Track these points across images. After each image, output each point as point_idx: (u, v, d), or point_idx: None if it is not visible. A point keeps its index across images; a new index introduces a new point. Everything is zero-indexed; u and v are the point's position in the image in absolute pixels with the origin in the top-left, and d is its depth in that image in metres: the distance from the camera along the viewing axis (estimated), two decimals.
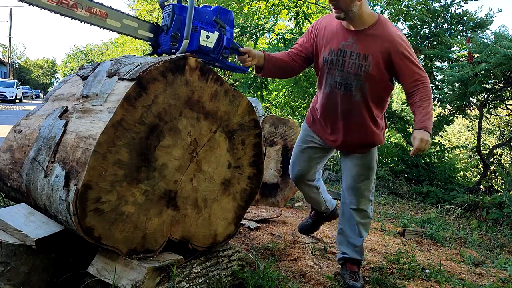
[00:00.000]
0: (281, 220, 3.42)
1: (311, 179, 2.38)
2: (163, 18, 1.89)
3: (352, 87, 2.05)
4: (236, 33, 8.12)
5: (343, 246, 2.29)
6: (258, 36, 8.70)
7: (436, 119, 8.16)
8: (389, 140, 9.29)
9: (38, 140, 1.79)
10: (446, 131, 9.37)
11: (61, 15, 1.67)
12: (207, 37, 1.85)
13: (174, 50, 1.83)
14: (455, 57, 7.81)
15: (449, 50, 7.86)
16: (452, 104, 7.59)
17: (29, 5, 1.63)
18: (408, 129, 8.48)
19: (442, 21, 8.00)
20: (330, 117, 2.18)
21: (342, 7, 1.90)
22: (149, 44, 1.94)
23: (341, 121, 2.14)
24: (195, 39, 1.81)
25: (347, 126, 2.14)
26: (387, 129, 2.39)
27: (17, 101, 23.94)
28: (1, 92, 21.97)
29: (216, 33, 1.88)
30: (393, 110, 8.45)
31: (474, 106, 7.74)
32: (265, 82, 7.97)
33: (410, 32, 8.10)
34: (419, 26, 7.98)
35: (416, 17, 7.87)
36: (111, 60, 1.87)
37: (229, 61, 2.04)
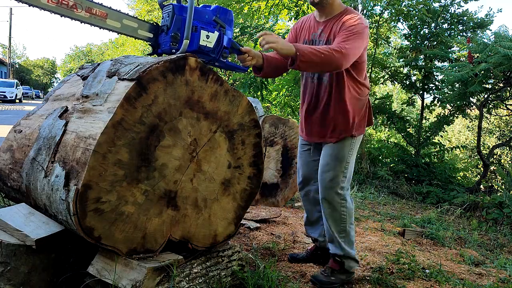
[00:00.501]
0: (281, 220, 3.42)
1: (316, 187, 2.33)
2: (162, 18, 1.88)
3: (317, 75, 2.16)
4: (236, 33, 8.13)
5: (329, 242, 2.26)
6: None
7: (436, 119, 8.16)
8: (389, 140, 9.29)
9: (38, 140, 1.79)
10: (446, 131, 9.37)
11: (61, 16, 1.66)
12: (207, 37, 1.85)
13: (174, 50, 1.83)
14: (455, 57, 7.81)
15: (449, 50, 7.86)
16: (452, 104, 7.60)
17: (29, 6, 1.62)
18: (408, 129, 8.48)
19: (442, 21, 8.00)
20: (307, 108, 2.25)
21: None
22: (149, 44, 1.94)
23: (315, 109, 2.21)
24: (195, 39, 1.81)
25: (320, 115, 2.19)
26: (371, 126, 2.30)
27: (17, 101, 23.94)
28: (1, 92, 21.97)
29: (216, 33, 1.89)
30: (393, 110, 8.45)
31: (474, 106, 7.74)
32: (265, 82, 7.97)
33: (410, 32, 8.10)
34: (419, 26, 7.98)
35: (416, 17, 7.86)
36: (111, 60, 1.87)
37: (229, 60, 2.05)
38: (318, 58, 1.87)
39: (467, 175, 9.90)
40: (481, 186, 7.40)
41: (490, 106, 7.73)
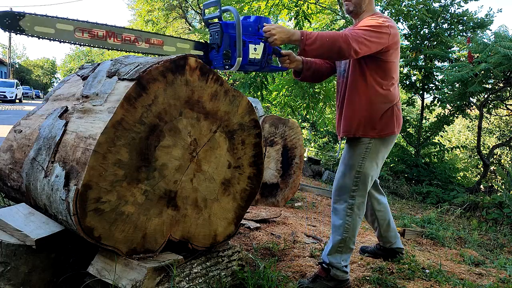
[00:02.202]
0: (281, 220, 3.42)
1: (370, 193, 2.36)
2: (211, 36, 1.98)
3: (346, 72, 2.16)
4: None
5: None
6: None
7: (436, 119, 8.16)
8: None
9: (38, 140, 1.79)
10: (446, 131, 9.38)
11: (126, 51, 1.81)
12: (255, 49, 1.95)
13: (227, 66, 1.94)
14: (455, 57, 7.81)
15: (449, 50, 7.87)
16: (452, 104, 7.60)
17: (99, 48, 1.79)
18: (408, 129, 8.48)
19: (442, 21, 8.00)
20: (337, 106, 2.27)
21: (352, 0, 2.10)
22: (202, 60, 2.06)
23: (340, 106, 2.21)
24: (244, 53, 1.91)
25: (343, 110, 2.17)
26: (394, 135, 2.16)
27: (17, 101, 23.94)
28: (1, 92, 21.97)
29: (262, 44, 1.98)
30: None
31: (474, 106, 7.74)
32: (265, 82, 7.97)
33: (410, 32, 8.11)
34: (419, 26, 7.98)
35: (416, 17, 7.87)
36: (111, 60, 1.87)
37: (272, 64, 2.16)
38: (323, 40, 1.85)
39: (467, 175, 9.90)
40: (481, 186, 7.41)
41: (490, 106, 7.73)
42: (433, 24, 7.87)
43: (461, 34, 7.97)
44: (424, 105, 8.37)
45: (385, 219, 2.48)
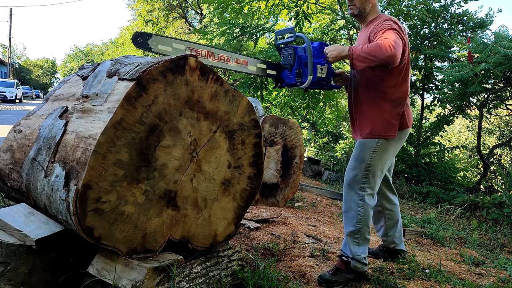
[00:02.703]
0: (281, 220, 3.42)
1: (382, 191, 2.45)
2: (283, 58, 2.32)
3: (357, 74, 2.27)
4: (236, 33, 8.12)
5: None
6: (258, 36, 8.70)
7: (436, 119, 8.16)
8: None
9: (38, 140, 1.79)
10: (446, 131, 9.38)
11: (220, 69, 2.16)
12: (321, 69, 2.25)
13: (299, 83, 2.24)
14: (455, 57, 7.81)
15: (449, 50, 7.86)
16: (452, 104, 7.60)
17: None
18: None
19: (442, 21, 8.00)
20: (349, 110, 2.39)
21: (356, 4, 2.23)
22: (273, 79, 2.35)
23: (351, 109, 2.35)
24: (314, 73, 2.22)
25: (354, 113, 2.31)
26: (400, 130, 2.25)
27: (17, 101, 23.94)
28: (1, 92, 21.96)
29: (326, 65, 2.27)
30: None
31: (474, 106, 7.74)
32: (265, 82, 7.97)
33: (410, 32, 8.10)
34: (419, 26, 7.97)
35: (416, 17, 7.87)
36: (111, 60, 1.87)
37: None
38: (366, 52, 1.98)
39: (467, 175, 9.91)
40: (481, 186, 7.41)
41: (490, 106, 7.73)
42: (433, 24, 7.86)
43: (461, 34, 7.96)
44: (424, 105, 8.37)
45: (394, 219, 2.53)
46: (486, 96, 7.27)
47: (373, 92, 2.19)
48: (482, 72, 6.21)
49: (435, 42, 7.87)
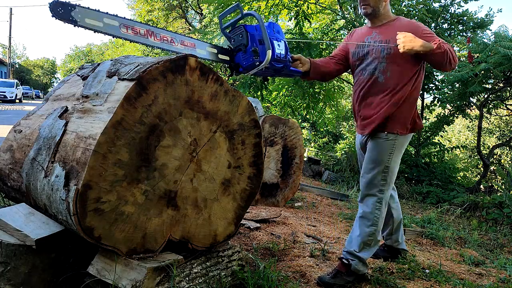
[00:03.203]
0: (281, 220, 3.42)
1: None
2: (233, 41, 2.09)
3: (376, 70, 2.21)
4: None
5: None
6: None
7: (436, 119, 8.16)
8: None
9: (38, 140, 1.79)
10: (446, 131, 9.38)
11: (163, 50, 1.95)
12: (279, 45, 2.07)
13: (257, 63, 2.02)
14: None
15: None
16: (452, 104, 7.60)
17: (141, 44, 1.92)
18: None
19: (442, 21, 8.00)
20: (357, 102, 2.33)
21: (371, 3, 2.20)
22: (227, 66, 2.15)
23: (362, 101, 2.28)
24: (272, 47, 2.03)
25: (366, 104, 2.26)
26: (417, 130, 2.32)
27: (17, 101, 23.93)
28: (1, 92, 21.96)
29: (282, 42, 2.10)
30: None
31: (474, 106, 7.74)
32: (265, 82, 7.97)
33: None
34: None
35: (416, 17, 7.86)
36: (111, 60, 1.87)
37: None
38: (442, 48, 2.03)
39: (467, 175, 9.91)
40: (481, 186, 7.41)
41: (490, 106, 7.73)
42: (433, 24, 7.86)
43: (461, 34, 7.96)
44: (424, 105, 8.37)
45: (399, 217, 2.56)
46: (486, 96, 7.27)
47: (402, 84, 2.16)
48: (482, 72, 6.21)
49: None
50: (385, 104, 2.17)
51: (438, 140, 8.59)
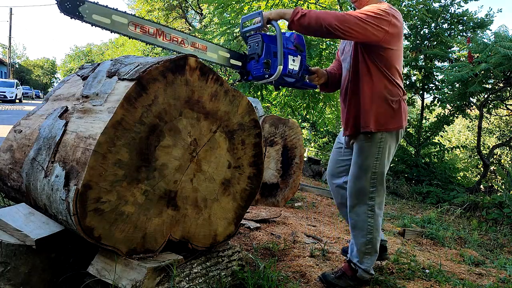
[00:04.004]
0: (281, 220, 3.42)
1: (338, 181, 2.36)
2: (250, 47, 2.03)
3: (349, 64, 2.13)
4: (236, 33, 8.12)
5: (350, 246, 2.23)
6: None
7: (436, 119, 8.16)
8: None
9: (38, 140, 1.79)
10: (446, 131, 9.38)
11: (173, 51, 1.90)
12: (293, 60, 2.02)
13: (267, 75, 1.97)
14: (455, 57, 7.81)
15: (449, 50, 7.87)
16: (452, 104, 7.60)
17: (147, 43, 1.88)
18: (408, 129, 8.47)
19: (442, 21, 8.00)
20: (341, 100, 2.25)
21: None
22: (237, 71, 2.09)
23: (344, 99, 2.18)
24: (284, 63, 1.98)
25: (348, 104, 2.13)
26: (400, 129, 2.12)
27: (17, 101, 23.93)
28: (1, 92, 21.96)
29: (299, 57, 2.05)
30: None
31: (474, 106, 7.74)
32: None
33: (410, 32, 8.11)
34: (419, 26, 7.98)
35: (416, 17, 7.87)
36: (111, 60, 1.87)
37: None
38: (314, 17, 1.86)
39: (467, 175, 9.91)
40: (481, 186, 7.41)
41: (490, 106, 7.73)
42: (433, 24, 7.86)
43: (461, 34, 7.97)
44: (424, 105, 8.37)
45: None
46: (486, 96, 7.27)
47: (375, 76, 2.02)
48: (482, 72, 6.21)
49: (435, 42, 7.88)
50: (358, 100, 2.05)
51: (438, 140, 8.59)
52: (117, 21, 1.75)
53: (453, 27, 7.89)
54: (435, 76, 7.98)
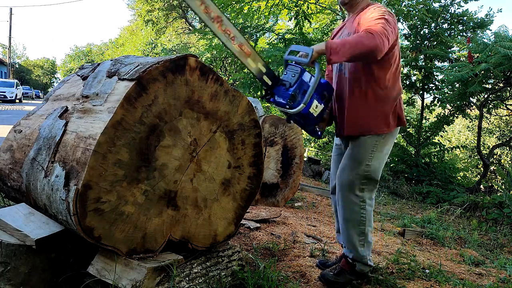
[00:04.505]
0: (281, 220, 3.42)
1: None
2: (286, 74, 2.03)
3: (344, 66, 2.12)
4: None
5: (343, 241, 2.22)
6: (258, 36, 8.71)
7: (436, 119, 8.16)
8: None
9: (38, 140, 1.79)
10: (446, 131, 9.38)
11: (223, 43, 1.91)
12: (316, 106, 2.02)
13: (287, 107, 1.97)
14: (455, 57, 7.82)
15: (449, 50, 7.87)
16: (452, 104, 7.60)
17: (205, 26, 1.91)
18: (408, 129, 8.47)
19: (442, 21, 8.00)
20: (335, 104, 2.22)
21: None
22: (264, 88, 2.07)
23: (339, 103, 2.18)
24: (308, 104, 1.98)
25: (343, 107, 2.13)
26: (398, 127, 2.14)
27: (17, 101, 23.93)
28: (1, 92, 21.95)
29: (322, 106, 2.04)
30: None
31: (474, 106, 7.75)
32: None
33: (410, 32, 8.11)
34: (419, 26, 7.98)
35: (416, 17, 7.87)
36: (111, 60, 1.87)
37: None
38: (348, 44, 1.83)
39: (467, 175, 9.91)
40: (481, 186, 7.41)
41: (490, 106, 7.73)
42: (433, 24, 7.86)
43: (461, 34, 7.97)
44: (424, 105, 8.37)
45: None
46: (486, 96, 7.28)
47: (367, 85, 2.04)
48: (482, 72, 6.22)
49: (435, 42, 7.88)
50: (354, 102, 2.06)
51: (438, 140, 8.59)
52: None
53: (453, 27, 7.89)
54: (435, 76, 7.98)
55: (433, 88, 8.06)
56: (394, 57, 2.05)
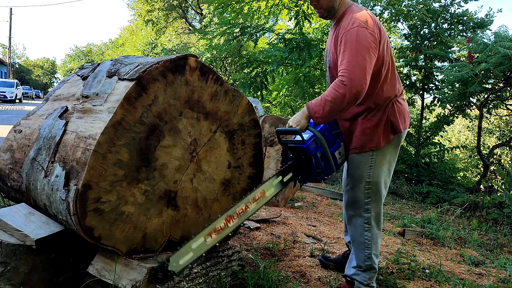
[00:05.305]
0: (281, 220, 3.42)
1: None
2: (293, 155, 1.92)
3: (329, 81, 2.04)
4: (236, 33, 8.12)
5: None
6: (258, 36, 8.70)
7: (436, 119, 8.16)
8: None
9: (38, 140, 1.79)
10: (446, 131, 9.38)
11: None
12: (339, 153, 1.96)
13: (323, 180, 1.88)
14: (455, 57, 7.81)
15: (449, 50, 7.86)
16: (452, 104, 7.60)
17: None
18: (407, 129, 8.45)
19: (442, 21, 8.00)
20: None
21: (323, 5, 1.91)
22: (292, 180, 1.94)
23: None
24: (335, 164, 1.91)
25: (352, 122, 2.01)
26: (396, 134, 1.97)
27: (17, 101, 23.93)
28: (1, 92, 21.96)
29: (342, 144, 1.97)
30: None
31: (474, 106, 7.74)
32: (265, 82, 7.97)
33: (410, 32, 8.11)
34: (419, 26, 7.97)
35: (416, 17, 7.87)
36: (111, 60, 1.87)
37: None
38: (328, 104, 1.73)
39: (467, 175, 9.91)
40: (481, 186, 7.40)
41: (490, 106, 7.73)
42: (433, 24, 7.86)
43: (461, 34, 7.96)
44: (424, 105, 8.36)
45: None
46: (486, 96, 7.27)
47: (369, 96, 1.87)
48: (482, 72, 6.21)
49: (435, 42, 7.87)
50: (347, 130, 1.96)
51: (438, 140, 8.59)
52: None
53: (453, 27, 7.88)
54: (435, 76, 7.97)
55: (433, 88, 8.06)
56: (384, 66, 1.88)
